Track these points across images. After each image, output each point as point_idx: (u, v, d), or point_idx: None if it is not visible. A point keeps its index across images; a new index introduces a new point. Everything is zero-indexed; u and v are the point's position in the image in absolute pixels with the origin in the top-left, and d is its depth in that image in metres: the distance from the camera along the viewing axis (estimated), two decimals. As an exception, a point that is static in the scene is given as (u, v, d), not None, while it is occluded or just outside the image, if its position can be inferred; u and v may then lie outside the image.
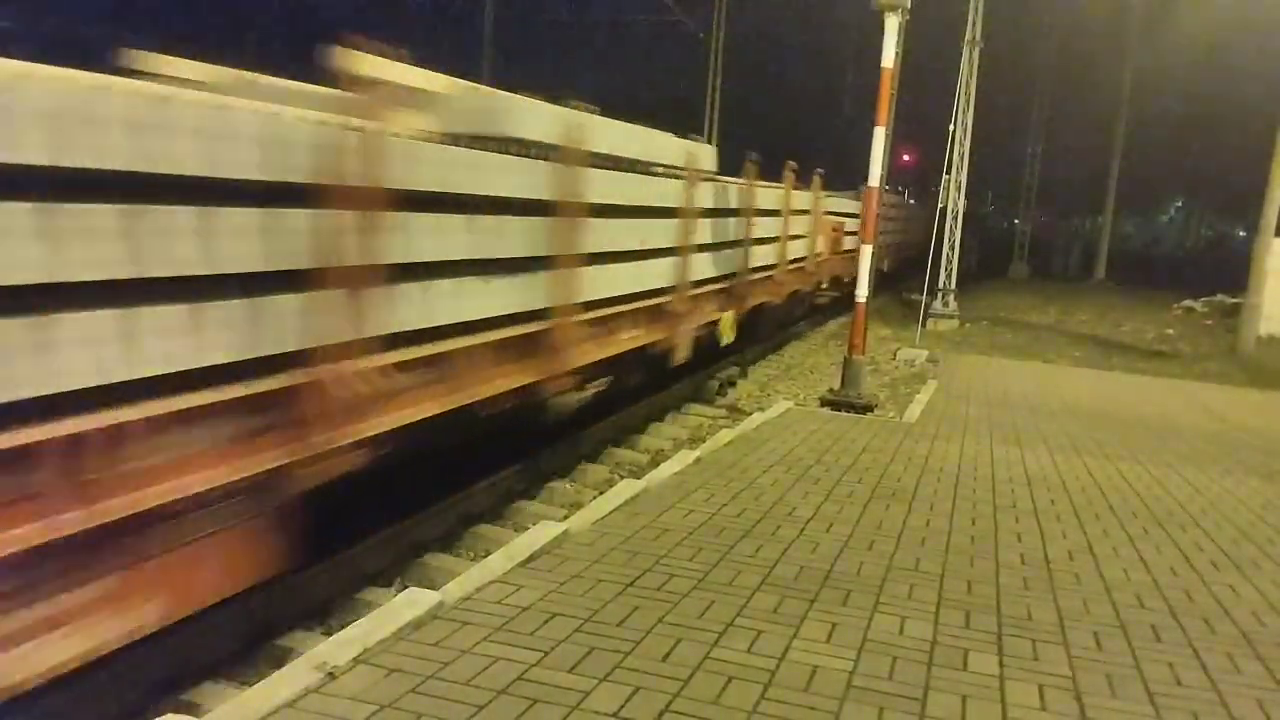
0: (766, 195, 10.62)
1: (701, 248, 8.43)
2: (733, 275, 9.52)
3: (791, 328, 14.56)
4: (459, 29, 27.49)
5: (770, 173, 10.74)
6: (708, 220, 8.61)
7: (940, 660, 3.27)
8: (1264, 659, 3.52)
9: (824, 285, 14.76)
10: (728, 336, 9.46)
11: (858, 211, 13.32)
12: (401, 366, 4.11)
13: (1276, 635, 3.77)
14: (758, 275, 10.48)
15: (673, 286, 7.73)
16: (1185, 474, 6.72)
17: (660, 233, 7.40)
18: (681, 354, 8.12)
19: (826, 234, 14.36)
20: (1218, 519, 5.56)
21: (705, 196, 8.40)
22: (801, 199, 12.39)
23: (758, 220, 10.24)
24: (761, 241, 10.51)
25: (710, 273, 8.85)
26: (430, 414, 4.31)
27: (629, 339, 7.01)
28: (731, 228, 9.44)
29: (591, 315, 6.18)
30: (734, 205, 9.48)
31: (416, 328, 4.27)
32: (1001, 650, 3.40)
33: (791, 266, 12.18)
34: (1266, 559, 4.83)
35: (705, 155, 8.33)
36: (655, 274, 7.37)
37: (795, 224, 12.07)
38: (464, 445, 5.22)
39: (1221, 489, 6.36)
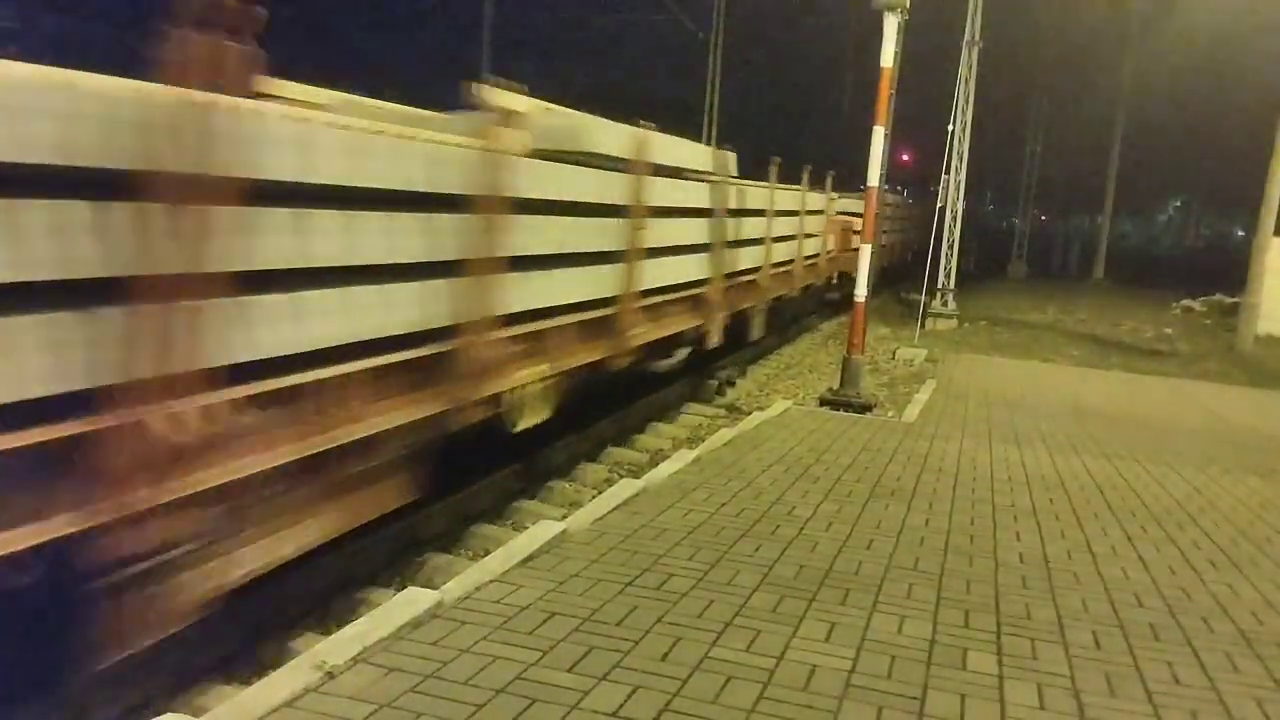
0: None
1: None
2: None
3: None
4: (458, 28, 27.44)
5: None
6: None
7: (939, 659, 3.27)
8: (1263, 658, 3.52)
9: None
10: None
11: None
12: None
13: (1275, 634, 3.77)
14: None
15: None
16: (1184, 473, 6.73)
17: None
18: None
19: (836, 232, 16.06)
20: (1216, 518, 5.56)
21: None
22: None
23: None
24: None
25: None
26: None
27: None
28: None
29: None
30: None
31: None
32: (1000, 649, 3.40)
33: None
34: (1265, 558, 4.83)
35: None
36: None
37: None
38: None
39: (1220, 488, 6.36)
